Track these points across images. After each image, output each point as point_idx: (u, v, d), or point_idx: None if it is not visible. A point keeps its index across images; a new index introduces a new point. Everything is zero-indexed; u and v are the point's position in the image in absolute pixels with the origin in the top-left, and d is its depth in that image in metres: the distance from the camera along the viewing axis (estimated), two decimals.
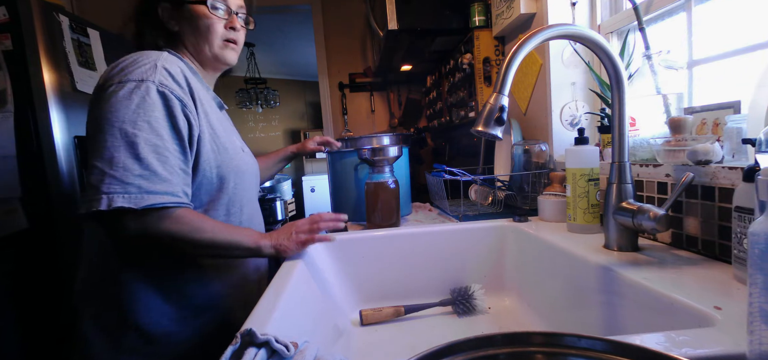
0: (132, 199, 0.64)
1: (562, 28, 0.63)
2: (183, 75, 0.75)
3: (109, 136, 0.65)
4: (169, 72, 0.72)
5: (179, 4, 0.81)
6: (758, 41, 0.72)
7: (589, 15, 1.14)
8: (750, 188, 0.49)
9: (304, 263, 0.75)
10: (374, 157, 1.04)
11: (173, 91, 0.71)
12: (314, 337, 0.63)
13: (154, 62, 0.71)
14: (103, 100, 0.67)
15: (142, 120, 0.67)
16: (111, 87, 0.68)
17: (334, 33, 2.78)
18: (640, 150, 0.79)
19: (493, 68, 1.49)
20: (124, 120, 0.66)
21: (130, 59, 0.72)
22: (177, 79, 0.73)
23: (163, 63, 0.72)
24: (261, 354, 0.38)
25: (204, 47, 0.82)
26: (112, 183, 0.64)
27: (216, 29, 0.82)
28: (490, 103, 0.61)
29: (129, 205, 0.64)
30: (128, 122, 0.66)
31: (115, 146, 0.65)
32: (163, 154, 0.68)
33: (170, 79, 0.71)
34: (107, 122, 0.66)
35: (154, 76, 0.70)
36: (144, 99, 0.67)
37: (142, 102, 0.67)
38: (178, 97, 0.71)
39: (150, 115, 0.68)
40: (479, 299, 0.84)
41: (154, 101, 0.68)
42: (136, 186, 0.65)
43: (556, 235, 0.80)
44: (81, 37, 1.60)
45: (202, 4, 0.80)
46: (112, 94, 0.67)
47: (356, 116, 2.85)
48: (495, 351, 0.32)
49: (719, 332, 0.39)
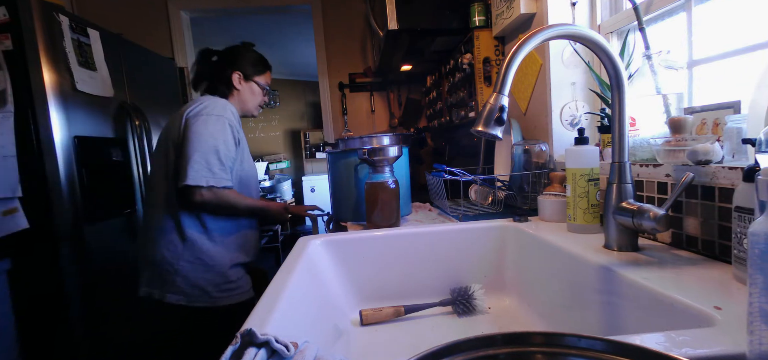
0: (216, 179, 1.18)
1: (562, 28, 0.63)
2: (235, 115, 1.30)
3: (205, 143, 1.18)
4: (232, 112, 1.28)
5: (248, 78, 1.38)
6: (758, 41, 0.72)
7: (589, 15, 1.14)
8: (750, 188, 0.49)
9: (304, 263, 0.75)
10: (374, 157, 1.04)
11: (232, 123, 1.26)
12: (314, 337, 0.63)
13: (224, 105, 1.26)
14: (199, 123, 1.20)
15: (221, 137, 1.21)
16: (201, 116, 1.21)
17: (334, 33, 2.78)
18: (640, 150, 0.79)
19: (493, 68, 1.49)
20: (212, 135, 1.19)
21: (211, 101, 1.25)
22: (236, 116, 1.31)
23: (229, 107, 1.28)
24: (261, 354, 0.38)
25: (248, 105, 1.41)
26: (205, 170, 1.17)
27: (258, 99, 1.43)
28: (490, 103, 0.61)
29: (214, 183, 1.18)
30: (213, 137, 1.19)
31: (208, 149, 1.18)
32: (229, 157, 1.23)
33: (232, 116, 1.27)
34: (202, 135, 1.18)
35: (226, 113, 1.25)
36: (223, 126, 1.22)
37: (222, 127, 1.22)
38: (233, 126, 1.26)
39: (226, 135, 1.22)
40: (479, 299, 0.84)
41: (226, 127, 1.23)
42: (217, 174, 1.19)
43: (556, 235, 0.80)
44: (81, 37, 1.60)
45: (262, 89, 1.42)
46: (204, 120, 1.20)
47: (356, 116, 2.85)
48: (495, 351, 0.32)
49: (719, 332, 0.39)
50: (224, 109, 1.23)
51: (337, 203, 1.23)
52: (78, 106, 1.54)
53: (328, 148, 1.41)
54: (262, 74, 1.41)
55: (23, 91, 1.40)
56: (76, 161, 1.51)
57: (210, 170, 1.16)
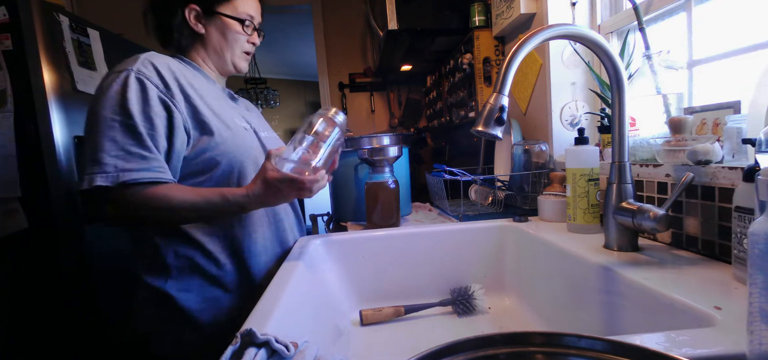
0: (108, 177, 0.69)
1: (562, 28, 0.63)
2: (169, 68, 0.78)
3: (97, 123, 0.71)
4: (152, 63, 0.76)
5: (211, 12, 0.86)
6: (758, 41, 0.72)
7: (589, 15, 1.14)
8: (750, 188, 0.49)
9: (304, 263, 0.75)
10: (374, 157, 1.04)
11: (145, 75, 0.73)
12: (314, 337, 0.63)
13: (135, 59, 0.75)
14: (92, 99, 0.73)
15: (118, 104, 0.71)
16: (107, 78, 0.74)
17: (334, 33, 2.78)
18: (640, 150, 0.79)
19: (493, 68, 1.49)
20: (107, 104, 0.71)
21: (133, 56, 0.76)
22: (168, 68, 0.77)
23: (148, 57, 0.76)
24: (261, 354, 0.38)
25: (226, 54, 0.89)
26: (93, 166, 0.69)
27: (241, 42, 0.89)
28: (490, 103, 0.61)
29: (105, 183, 0.68)
30: (107, 107, 0.70)
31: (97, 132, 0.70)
32: (145, 134, 0.71)
33: (148, 68, 0.74)
34: (92, 113, 0.72)
35: (134, 66, 0.74)
36: (123, 85, 0.71)
37: (120, 88, 0.71)
38: (150, 81, 0.74)
39: (129, 98, 0.71)
40: (479, 299, 0.84)
41: (129, 86, 0.71)
42: (112, 166, 0.69)
43: (556, 235, 0.80)
44: (81, 37, 1.60)
45: (238, 21, 0.87)
46: (97, 92, 0.73)
47: (356, 116, 2.85)
48: (495, 351, 0.32)
49: (719, 332, 0.39)
50: (131, 62, 0.74)
51: (337, 203, 1.23)
52: (78, 106, 1.53)
53: None
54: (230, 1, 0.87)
55: (23, 91, 1.40)
56: (76, 161, 1.51)
57: (102, 161, 0.68)
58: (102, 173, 0.68)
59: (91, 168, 0.69)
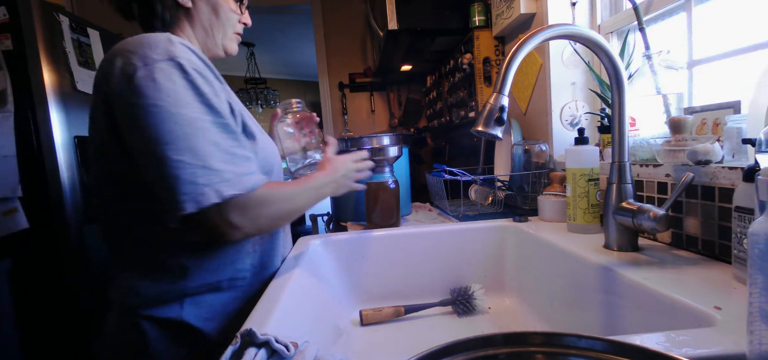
0: (234, 184, 0.57)
1: (562, 28, 0.63)
2: (195, 53, 0.62)
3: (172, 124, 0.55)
4: (185, 47, 0.61)
5: None
6: (758, 41, 0.72)
7: (589, 15, 1.14)
8: (750, 188, 0.49)
9: (304, 263, 0.75)
10: (374, 157, 1.04)
11: (197, 66, 0.60)
12: (314, 337, 0.63)
13: (167, 38, 0.59)
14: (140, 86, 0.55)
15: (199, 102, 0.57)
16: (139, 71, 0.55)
17: (334, 33, 2.78)
18: (640, 150, 0.79)
19: (493, 68, 1.49)
20: (180, 101, 0.56)
21: (138, 40, 0.58)
22: (199, 56, 0.62)
23: (178, 42, 0.60)
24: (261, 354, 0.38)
25: (216, 33, 0.76)
26: (208, 175, 0.55)
27: (233, 21, 0.77)
28: (490, 103, 0.61)
29: (233, 191, 0.56)
30: (173, 104, 0.55)
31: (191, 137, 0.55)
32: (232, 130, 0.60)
33: (191, 55, 0.60)
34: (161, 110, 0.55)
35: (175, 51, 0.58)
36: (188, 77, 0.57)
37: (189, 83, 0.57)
38: (203, 73, 0.60)
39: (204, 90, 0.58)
40: (479, 299, 0.84)
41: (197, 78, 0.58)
42: (231, 171, 0.57)
43: (556, 235, 0.80)
44: (81, 37, 1.60)
45: None
46: (147, 77, 0.55)
47: (356, 116, 2.85)
48: (495, 351, 0.32)
49: (719, 332, 0.39)
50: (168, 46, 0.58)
51: (337, 203, 1.23)
52: (78, 106, 1.53)
53: None
54: None
55: (23, 91, 1.40)
56: (76, 161, 1.51)
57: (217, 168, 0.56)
58: (225, 182, 0.56)
59: (206, 178, 0.55)
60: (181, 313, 0.64)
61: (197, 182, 0.54)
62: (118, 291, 0.67)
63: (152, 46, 0.58)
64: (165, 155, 0.54)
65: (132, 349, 0.64)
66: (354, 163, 0.80)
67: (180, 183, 0.54)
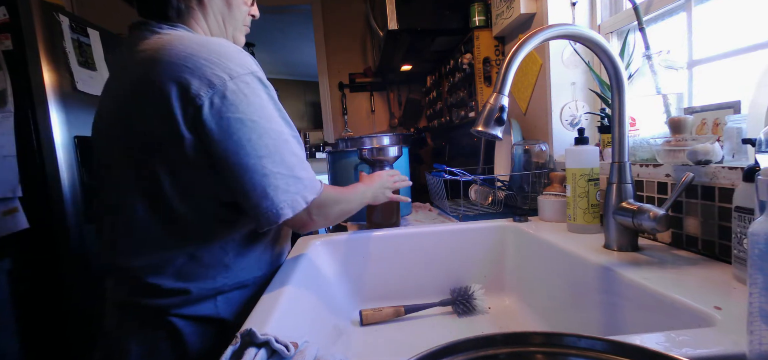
0: (315, 188, 0.66)
1: (562, 28, 0.63)
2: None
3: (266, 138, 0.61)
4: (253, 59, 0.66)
5: None
6: (758, 41, 0.72)
7: (589, 15, 1.14)
8: (750, 188, 0.49)
9: (304, 263, 0.75)
10: (374, 157, 1.04)
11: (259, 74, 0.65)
12: (314, 337, 0.63)
13: (239, 50, 0.64)
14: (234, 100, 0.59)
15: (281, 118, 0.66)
16: (228, 84, 0.59)
17: (334, 33, 2.78)
18: (640, 150, 0.79)
19: (493, 68, 1.49)
20: (266, 114, 0.62)
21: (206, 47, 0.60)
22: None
23: (244, 51, 0.65)
24: (261, 354, 0.38)
25: (228, 25, 0.76)
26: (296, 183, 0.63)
27: (243, 12, 0.78)
28: (490, 103, 0.61)
29: (315, 195, 0.66)
30: (270, 118, 0.63)
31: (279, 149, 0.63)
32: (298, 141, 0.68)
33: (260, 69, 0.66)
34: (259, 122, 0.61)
35: (254, 66, 0.64)
36: (270, 93, 0.66)
37: (271, 99, 0.65)
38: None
39: (281, 109, 0.67)
40: (479, 299, 0.84)
41: (274, 93, 0.67)
42: (308, 177, 0.66)
43: (556, 235, 0.80)
44: (81, 37, 1.59)
45: None
46: (239, 91, 0.60)
47: (356, 116, 2.85)
48: (495, 351, 0.32)
49: (719, 332, 0.39)
50: (246, 59, 0.64)
51: None
52: (78, 106, 1.53)
53: (328, 148, 1.41)
54: None
55: (23, 91, 1.40)
56: (76, 161, 1.51)
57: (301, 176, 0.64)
58: (307, 188, 0.64)
59: (296, 186, 0.63)
60: (217, 310, 0.67)
61: (290, 190, 0.62)
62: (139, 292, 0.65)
63: (230, 57, 0.61)
64: (264, 167, 0.60)
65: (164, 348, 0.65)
66: (390, 178, 0.93)
67: (279, 192, 0.61)
